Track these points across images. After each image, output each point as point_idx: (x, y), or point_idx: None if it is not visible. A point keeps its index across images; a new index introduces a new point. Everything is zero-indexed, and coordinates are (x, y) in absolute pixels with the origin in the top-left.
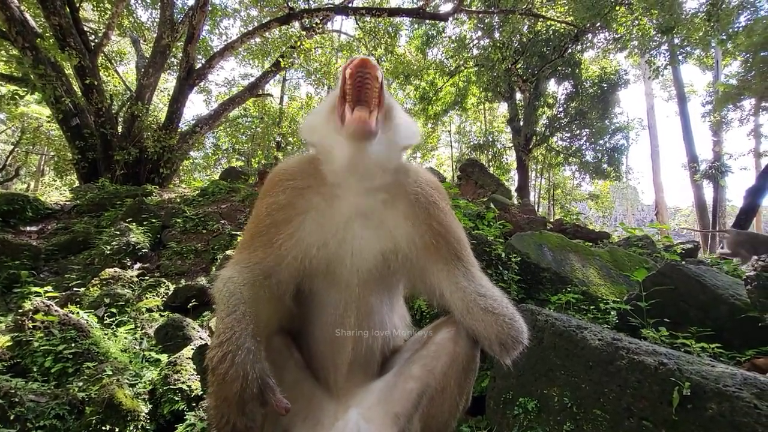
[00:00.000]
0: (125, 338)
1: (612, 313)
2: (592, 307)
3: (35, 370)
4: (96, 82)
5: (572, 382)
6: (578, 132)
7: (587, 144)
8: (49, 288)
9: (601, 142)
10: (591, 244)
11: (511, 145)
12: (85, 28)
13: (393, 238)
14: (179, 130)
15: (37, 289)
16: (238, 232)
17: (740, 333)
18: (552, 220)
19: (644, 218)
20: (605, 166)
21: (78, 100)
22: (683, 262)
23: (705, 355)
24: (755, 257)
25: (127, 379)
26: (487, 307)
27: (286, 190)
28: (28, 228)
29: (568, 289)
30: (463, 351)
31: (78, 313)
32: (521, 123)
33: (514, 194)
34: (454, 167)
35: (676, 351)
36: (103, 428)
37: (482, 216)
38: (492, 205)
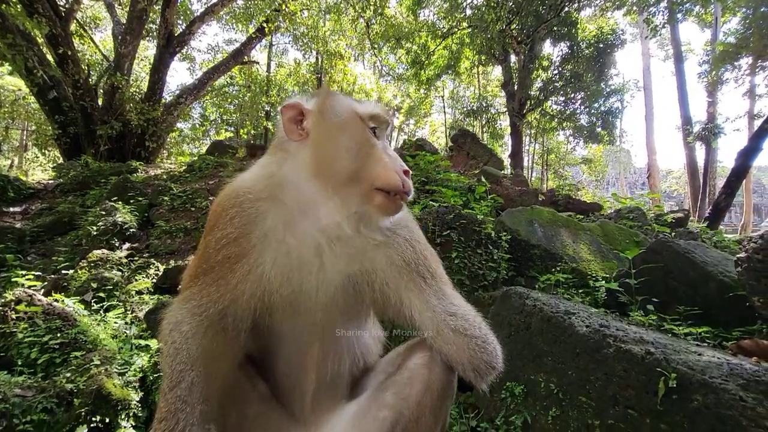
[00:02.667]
0: (114, 323)
1: (601, 290)
2: (581, 284)
3: (20, 362)
4: (70, 52)
5: (559, 368)
6: (573, 95)
7: (582, 108)
8: (30, 276)
9: (595, 105)
10: (582, 217)
11: (505, 110)
12: None
13: (364, 259)
14: (163, 101)
15: (17, 278)
16: None
17: (728, 311)
18: (545, 189)
19: (636, 181)
20: (599, 129)
21: (53, 72)
22: (673, 237)
23: (691, 338)
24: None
25: (116, 368)
26: (457, 327)
27: (234, 220)
28: (11, 209)
29: (558, 267)
30: (437, 378)
31: (63, 301)
32: (515, 87)
33: (508, 160)
34: (447, 134)
35: (663, 337)
36: (94, 419)
37: (473, 189)
38: (483, 179)
